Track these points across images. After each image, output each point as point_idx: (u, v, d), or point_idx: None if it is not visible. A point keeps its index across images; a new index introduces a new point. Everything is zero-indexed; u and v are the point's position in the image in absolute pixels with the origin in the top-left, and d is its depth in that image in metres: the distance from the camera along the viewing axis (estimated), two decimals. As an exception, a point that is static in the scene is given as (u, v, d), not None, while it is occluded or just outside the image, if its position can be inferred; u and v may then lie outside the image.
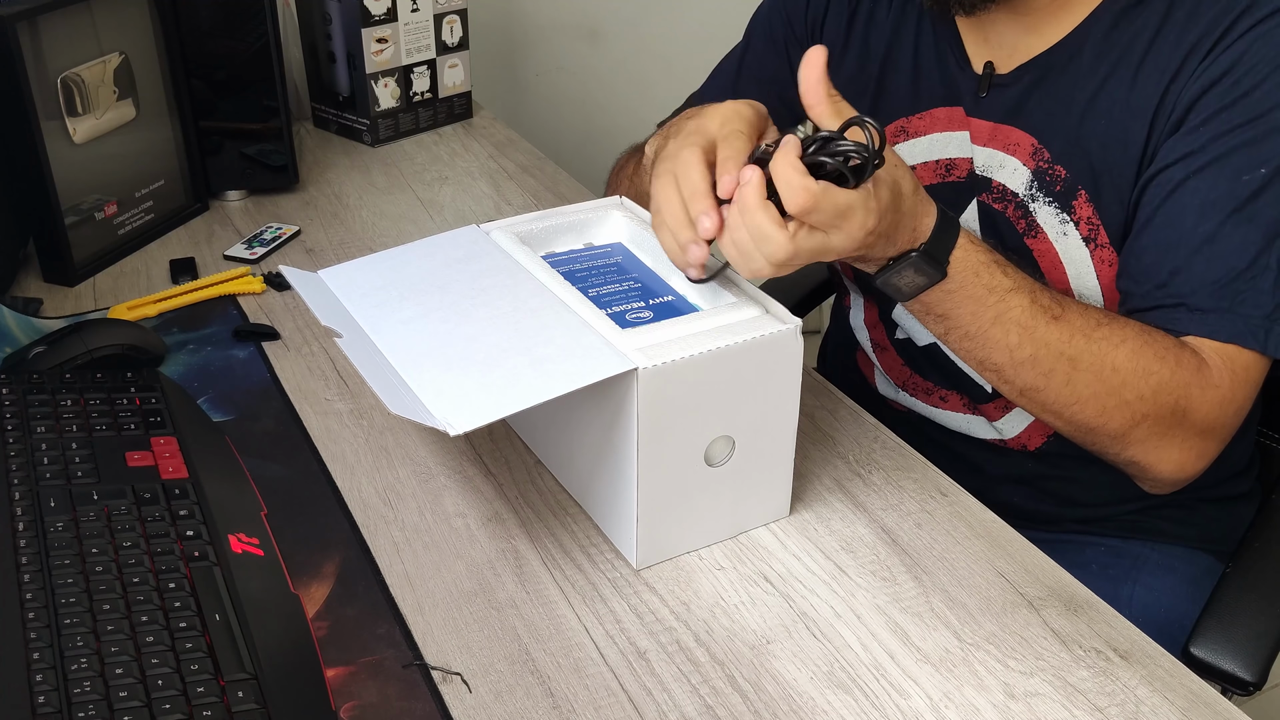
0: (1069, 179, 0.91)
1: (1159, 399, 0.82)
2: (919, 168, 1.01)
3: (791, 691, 0.69)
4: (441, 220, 1.28)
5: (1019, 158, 0.94)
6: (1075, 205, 0.91)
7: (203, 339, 1.03)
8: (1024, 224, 0.95)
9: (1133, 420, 0.83)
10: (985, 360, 0.83)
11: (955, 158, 0.99)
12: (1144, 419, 0.83)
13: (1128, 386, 0.82)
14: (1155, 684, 0.70)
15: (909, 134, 1.01)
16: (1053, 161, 0.92)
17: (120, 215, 1.19)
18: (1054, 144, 0.92)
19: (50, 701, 0.61)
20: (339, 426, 0.92)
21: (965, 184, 0.98)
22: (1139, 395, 0.82)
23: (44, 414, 0.85)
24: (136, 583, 0.70)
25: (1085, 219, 0.91)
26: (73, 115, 1.10)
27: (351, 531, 0.81)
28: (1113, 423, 0.84)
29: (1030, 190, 0.94)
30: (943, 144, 0.99)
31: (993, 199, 0.96)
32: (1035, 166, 0.93)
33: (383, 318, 0.79)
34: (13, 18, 1.01)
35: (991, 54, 0.96)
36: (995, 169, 0.96)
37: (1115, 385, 0.82)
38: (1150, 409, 0.82)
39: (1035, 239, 0.94)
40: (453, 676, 0.70)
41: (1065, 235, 0.93)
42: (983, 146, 0.96)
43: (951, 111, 0.99)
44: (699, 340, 0.72)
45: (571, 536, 0.81)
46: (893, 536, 0.82)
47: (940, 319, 0.82)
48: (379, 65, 1.43)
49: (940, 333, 0.83)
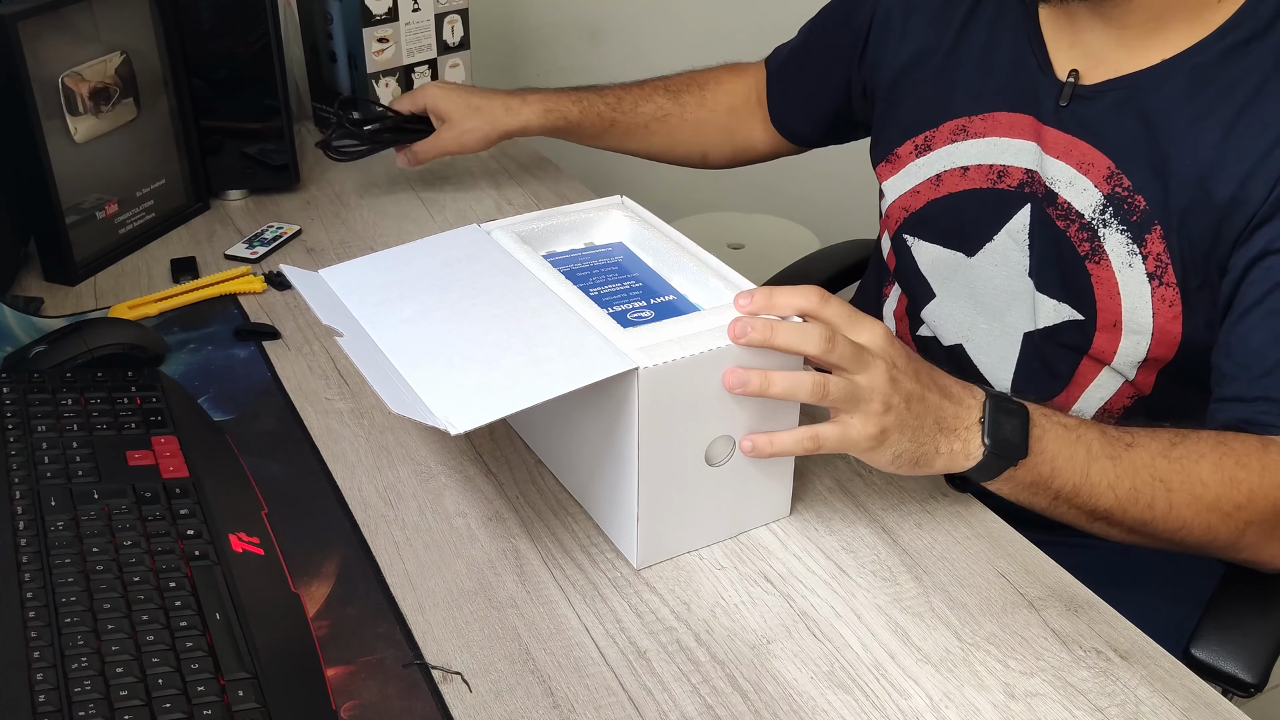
0: (1147, 211, 0.88)
1: (1255, 505, 0.80)
2: (972, 169, 0.99)
3: (792, 691, 0.69)
4: (442, 220, 1.28)
5: (1091, 178, 0.91)
6: (1148, 239, 0.89)
7: (203, 338, 1.03)
8: (1088, 247, 0.92)
9: (1238, 530, 0.81)
10: (1096, 509, 0.80)
11: (1009, 165, 0.96)
12: (1248, 526, 0.80)
13: (1223, 500, 0.79)
14: (1156, 684, 0.70)
15: (968, 134, 0.99)
16: (1133, 191, 0.89)
17: (121, 214, 1.19)
18: (1135, 172, 0.89)
19: (51, 700, 0.61)
20: (340, 426, 0.92)
21: (1014, 193, 0.96)
22: (1236, 505, 0.80)
23: (45, 413, 0.85)
24: (137, 582, 0.70)
25: (1155, 255, 0.89)
26: (74, 114, 1.10)
27: (352, 531, 0.81)
28: (1220, 537, 0.81)
29: (1102, 215, 0.91)
30: (1000, 149, 0.97)
31: (1057, 215, 0.93)
32: (1110, 191, 0.90)
33: (383, 317, 0.79)
34: (14, 17, 1.01)
35: (1077, 62, 0.92)
36: (1064, 185, 0.92)
37: (1210, 501, 0.79)
38: (1251, 516, 0.80)
39: (1098, 264, 0.91)
40: (453, 676, 0.70)
41: (1130, 267, 0.90)
42: (1055, 159, 0.93)
43: (1015, 118, 0.96)
44: (700, 340, 0.72)
45: (572, 536, 0.81)
46: (893, 536, 0.82)
47: (1041, 491, 0.79)
48: (380, 65, 1.43)
49: (1048, 503, 0.80)
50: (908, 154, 1.05)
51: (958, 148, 1.00)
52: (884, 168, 1.08)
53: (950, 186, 1.01)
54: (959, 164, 1.00)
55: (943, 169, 1.02)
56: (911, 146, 1.04)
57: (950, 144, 1.01)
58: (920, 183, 1.03)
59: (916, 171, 1.04)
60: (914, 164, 1.04)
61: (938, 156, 1.02)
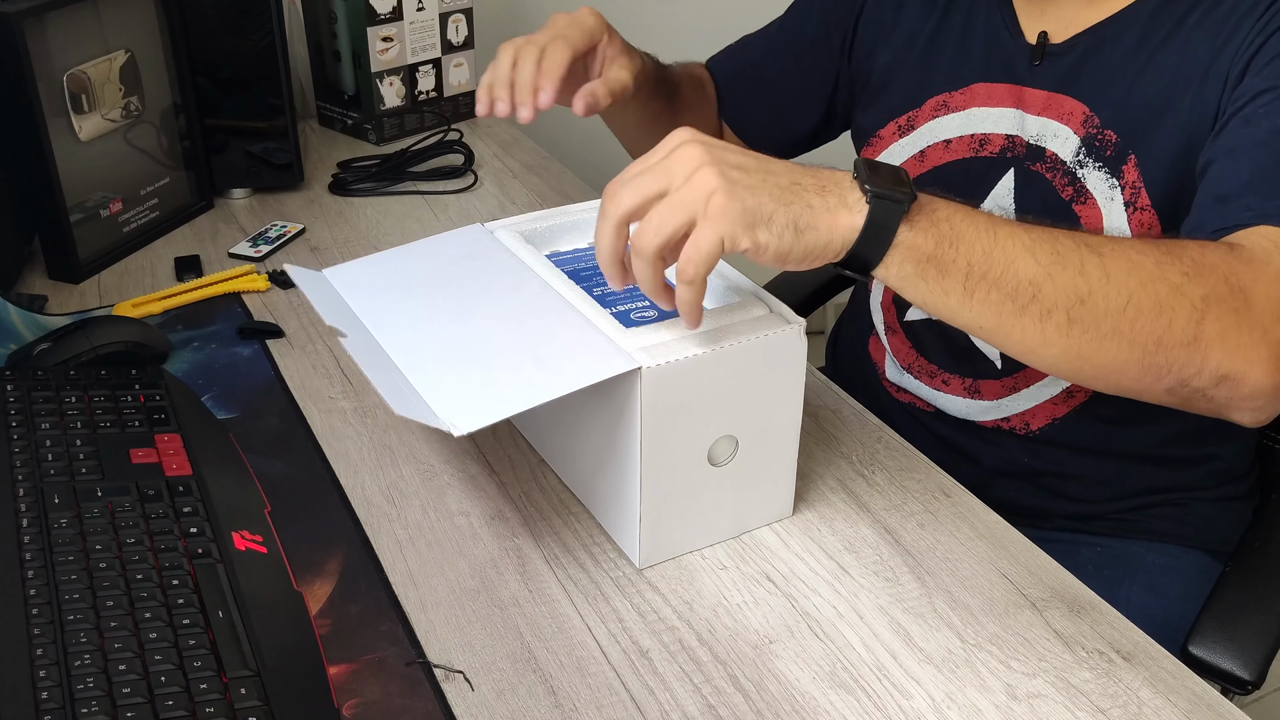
0: (1119, 143, 0.92)
1: (1205, 277, 0.70)
2: (954, 142, 1.02)
3: (794, 691, 0.69)
4: (446, 219, 1.28)
5: (1071, 126, 0.94)
6: (1124, 169, 0.92)
7: (207, 337, 1.04)
8: (1071, 190, 0.95)
9: (1196, 310, 0.70)
10: (1018, 283, 0.69)
11: (990, 133, 0.99)
12: (1205, 304, 0.70)
13: (1165, 267, 0.70)
14: (1158, 685, 0.70)
15: (950, 108, 1.02)
16: (1102, 127, 0.93)
17: (125, 213, 1.19)
18: (1103, 109, 0.93)
19: (54, 697, 0.61)
20: (343, 424, 0.92)
21: (997, 159, 0.99)
22: (1182, 274, 0.70)
23: (48, 411, 0.85)
24: (140, 579, 0.70)
25: (1130, 183, 0.92)
26: (78, 113, 1.10)
27: (354, 529, 0.81)
28: (1178, 319, 0.69)
29: (1079, 157, 0.94)
30: (980, 119, 1.00)
31: (1045, 169, 0.96)
32: (1085, 133, 0.94)
33: (387, 316, 0.79)
34: (19, 15, 1.01)
35: (1046, 25, 0.96)
36: (1049, 138, 0.96)
37: (1152, 272, 0.70)
38: (1205, 289, 0.70)
39: (1084, 204, 0.94)
40: (455, 674, 0.70)
41: (1112, 200, 0.93)
42: (1037, 116, 0.96)
43: (993, 87, 0.99)
44: (702, 340, 0.72)
45: (574, 535, 0.81)
46: (895, 537, 0.82)
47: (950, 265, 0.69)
48: (384, 64, 1.43)
49: (960, 284, 0.69)
50: (891, 135, 1.07)
51: (940, 122, 1.02)
52: (867, 151, 1.09)
53: (934, 160, 1.03)
54: (941, 138, 1.03)
55: (925, 145, 1.04)
56: (895, 127, 1.06)
57: (932, 119, 1.03)
58: (904, 160, 1.05)
59: (900, 151, 1.05)
60: (897, 144, 1.06)
61: (920, 134, 1.04)
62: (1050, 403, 1.01)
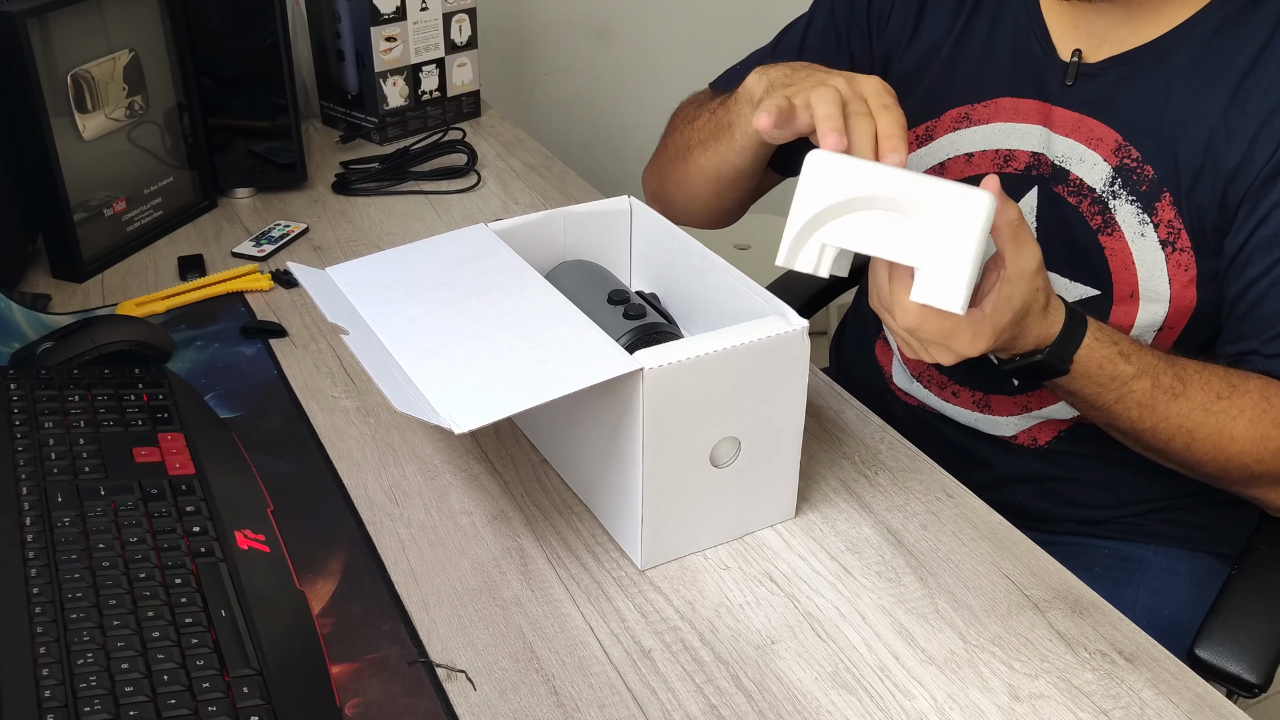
0: (1155, 180, 0.90)
1: (1275, 460, 0.86)
2: (976, 155, 1.00)
3: (796, 692, 0.69)
4: (449, 219, 1.28)
5: (1100, 153, 0.93)
6: (1158, 207, 0.90)
7: (210, 336, 1.04)
8: (1099, 220, 0.93)
9: (1249, 477, 0.88)
10: (1110, 425, 0.89)
11: (1015, 149, 0.98)
12: (1261, 476, 0.87)
13: (1246, 454, 0.86)
14: (1160, 687, 0.70)
15: (971, 121, 1.00)
16: (1141, 161, 0.91)
17: (129, 212, 1.19)
18: (1142, 143, 0.91)
19: (56, 696, 0.61)
20: (345, 424, 0.92)
21: (1021, 177, 0.97)
22: (1257, 459, 0.86)
23: (51, 409, 0.85)
24: (143, 578, 0.70)
25: (1166, 222, 0.90)
26: (82, 112, 1.11)
27: (357, 528, 0.81)
28: (1229, 479, 0.89)
29: (1111, 187, 0.92)
30: (1004, 134, 0.98)
31: (1068, 191, 0.95)
32: (1119, 163, 0.92)
33: (389, 315, 0.79)
34: (23, 14, 1.01)
35: (1080, 42, 0.94)
36: (1075, 162, 0.94)
37: (1233, 453, 0.86)
38: (1267, 469, 0.86)
39: (1110, 236, 0.93)
40: (457, 674, 0.70)
41: (1143, 236, 0.92)
42: (1064, 137, 0.95)
43: (1019, 103, 0.97)
44: (705, 341, 0.72)
45: (577, 535, 0.81)
46: (898, 537, 0.82)
47: (1066, 395, 0.88)
48: (388, 64, 1.43)
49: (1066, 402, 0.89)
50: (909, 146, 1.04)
51: (961, 135, 1.01)
52: None
53: (955, 174, 1.01)
54: (963, 151, 1.01)
55: (946, 157, 1.02)
56: (912, 138, 1.04)
57: (953, 131, 1.01)
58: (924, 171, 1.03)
59: (919, 162, 1.04)
60: (915, 155, 1.04)
61: (939, 146, 1.02)
62: (1059, 421, 1.01)
